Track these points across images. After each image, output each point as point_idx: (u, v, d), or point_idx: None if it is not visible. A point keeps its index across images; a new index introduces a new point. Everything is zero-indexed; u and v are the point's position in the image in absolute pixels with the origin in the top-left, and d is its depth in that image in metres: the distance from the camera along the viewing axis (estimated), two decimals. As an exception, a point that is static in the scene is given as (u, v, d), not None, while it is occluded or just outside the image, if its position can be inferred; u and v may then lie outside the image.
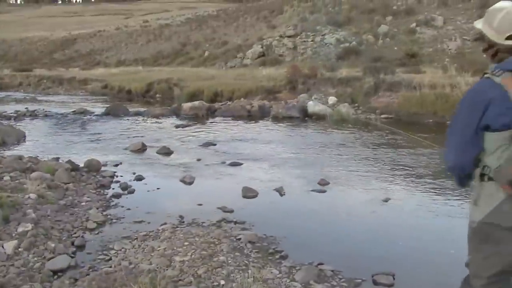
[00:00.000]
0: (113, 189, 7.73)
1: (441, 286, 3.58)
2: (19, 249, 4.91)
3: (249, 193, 7.43)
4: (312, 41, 32.82)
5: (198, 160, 9.93)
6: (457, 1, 32.62)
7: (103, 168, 8.85)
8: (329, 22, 36.33)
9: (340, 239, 5.65)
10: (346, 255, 5.14)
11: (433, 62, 23.51)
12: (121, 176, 8.51)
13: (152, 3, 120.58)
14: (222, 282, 4.24)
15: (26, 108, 19.37)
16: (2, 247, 4.89)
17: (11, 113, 17.89)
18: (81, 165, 8.73)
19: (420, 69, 21.13)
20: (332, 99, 18.26)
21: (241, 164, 9.55)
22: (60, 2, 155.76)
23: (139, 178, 8.36)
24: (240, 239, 5.38)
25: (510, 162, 2.48)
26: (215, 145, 11.61)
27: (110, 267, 4.61)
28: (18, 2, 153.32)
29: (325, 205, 7.11)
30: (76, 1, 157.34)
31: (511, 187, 2.48)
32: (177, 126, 14.87)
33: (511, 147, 2.49)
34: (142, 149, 10.90)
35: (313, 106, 17.15)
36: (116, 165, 9.34)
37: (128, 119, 16.58)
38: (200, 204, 6.88)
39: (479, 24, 2.75)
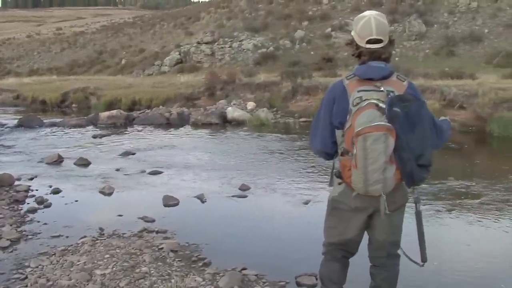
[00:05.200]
0: (28, 203, 7.39)
1: (364, 285, 3.70)
2: None
3: (170, 202, 7.36)
4: (229, 47, 33.08)
5: (117, 170, 9.73)
6: (369, 7, 33.82)
7: (16, 182, 8.48)
8: (246, 28, 36.80)
9: (262, 243, 5.70)
10: (269, 258, 5.18)
11: (349, 66, 24.28)
12: (37, 189, 8.17)
13: (65, 10, 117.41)
14: (145, 293, 4.18)
15: None
16: None
17: None
18: (-8, 180, 8.34)
19: (336, 73, 21.79)
20: (251, 104, 18.46)
21: (161, 172, 9.45)
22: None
23: (56, 191, 8.07)
24: (162, 248, 5.31)
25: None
26: (134, 154, 11.43)
27: (26, 286, 4.42)
28: None
29: (247, 209, 7.16)
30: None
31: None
32: (95, 136, 14.50)
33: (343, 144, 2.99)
34: (58, 160, 10.54)
35: (232, 111, 17.26)
36: (31, 179, 8.98)
37: (43, 131, 15.96)
38: (121, 215, 6.74)
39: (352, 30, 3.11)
